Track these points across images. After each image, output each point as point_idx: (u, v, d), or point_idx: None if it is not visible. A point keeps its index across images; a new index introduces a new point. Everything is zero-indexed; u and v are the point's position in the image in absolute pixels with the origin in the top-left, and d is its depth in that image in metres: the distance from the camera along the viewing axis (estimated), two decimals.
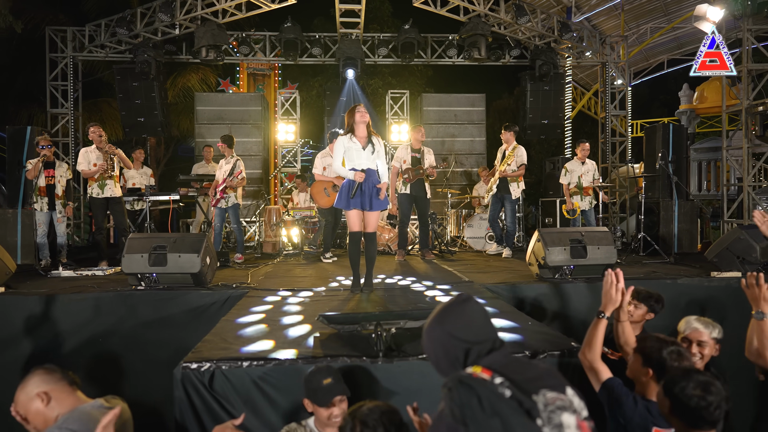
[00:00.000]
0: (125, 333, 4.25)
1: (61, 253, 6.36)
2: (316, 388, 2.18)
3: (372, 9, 16.69)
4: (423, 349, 1.51)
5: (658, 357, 2.10)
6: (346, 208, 4.31)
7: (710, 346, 2.52)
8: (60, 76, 9.21)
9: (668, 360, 2.08)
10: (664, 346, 2.11)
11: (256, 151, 9.70)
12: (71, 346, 4.19)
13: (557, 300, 4.60)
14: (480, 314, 1.45)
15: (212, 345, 2.85)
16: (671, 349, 2.10)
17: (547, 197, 9.62)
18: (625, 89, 10.12)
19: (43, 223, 6.18)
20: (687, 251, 7.32)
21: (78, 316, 4.26)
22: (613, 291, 2.30)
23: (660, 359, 2.09)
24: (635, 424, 2.08)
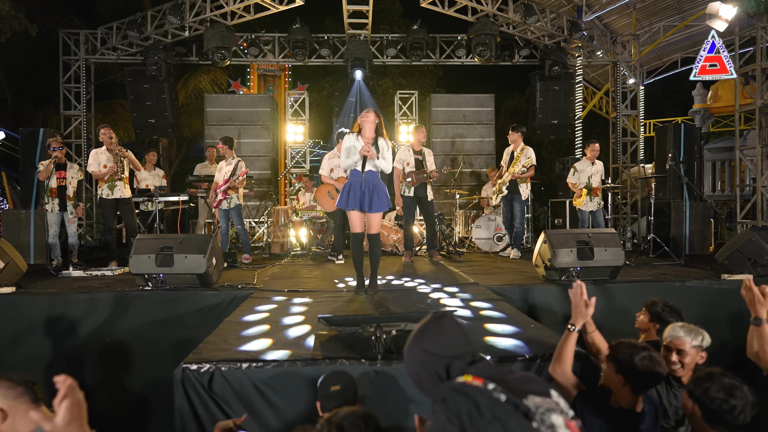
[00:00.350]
0: (132, 333, 4.30)
1: (72, 253, 6.45)
2: (324, 393, 2.19)
3: (382, 9, 16.70)
4: (406, 369, 1.52)
5: (629, 363, 2.08)
6: (346, 209, 4.31)
7: (691, 355, 2.44)
8: (73, 79, 9.35)
9: (639, 366, 2.06)
10: (636, 353, 2.09)
11: (265, 152, 9.75)
12: (79, 346, 4.25)
13: (563, 302, 4.55)
14: (456, 329, 1.46)
15: (213, 346, 2.86)
16: (643, 355, 2.07)
17: (557, 198, 9.54)
18: (636, 88, 10.00)
19: (54, 224, 6.27)
20: (699, 253, 7.21)
21: (86, 316, 4.32)
22: (582, 304, 2.30)
23: (631, 366, 2.07)
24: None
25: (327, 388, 2.20)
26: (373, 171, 4.31)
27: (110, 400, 4.17)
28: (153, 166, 8.33)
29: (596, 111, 15.15)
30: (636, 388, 2.09)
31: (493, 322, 3.42)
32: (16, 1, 10.14)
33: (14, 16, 10.35)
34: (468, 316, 3.55)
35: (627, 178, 9.90)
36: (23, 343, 4.25)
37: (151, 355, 4.18)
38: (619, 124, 9.80)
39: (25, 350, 4.23)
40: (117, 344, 4.25)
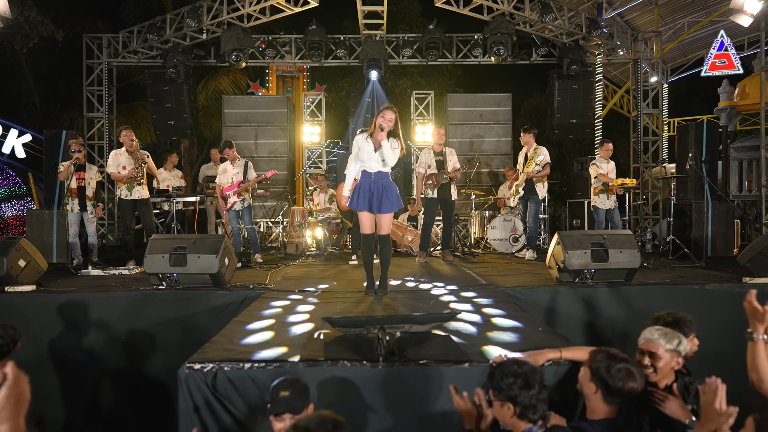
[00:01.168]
0: (146, 332, 4.37)
1: (92, 252, 6.60)
2: (272, 397, 2.18)
3: (401, 9, 16.68)
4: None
5: (604, 373, 2.06)
6: (356, 209, 4.32)
7: (665, 360, 2.29)
8: (96, 82, 9.57)
9: (613, 377, 2.04)
10: (613, 364, 2.07)
11: (282, 153, 9.83)
12: (94, 344, 4.34)
13: (576, 305, 4.48)
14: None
15: (218, 346, 2.89)
16: (619, 366, 2.06)
17: (575, 198, 9.39)
18: (658, 86, 9.78)
19: (74, 224, 6.42)
20: (722, 255, 7.01)
21: (101, 314, 4.41)
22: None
23: (605, 376, 2.06)
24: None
25: (277, 393, 2.19)
26: (382, 171, 4.30)
27: (122, 398, 4.26)
28: (173, 166, 8.48)
29: (617, 109, 14.87)
30: (608, 398, 2.08)
31: (500, 326, 3.39)
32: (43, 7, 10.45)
33: (41, 21, 10.66)
34: (477, 321, 3.52)
35: (648, 179, 9.69)
36: (40, 340, 4.36)
37: (163, 354, 4.25)
38: (640, 122, 9.60)
39: (42, 348, 4.34)
40: (130, 343, 4.34)
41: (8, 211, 12.35)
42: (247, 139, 9.69)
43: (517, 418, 1.97)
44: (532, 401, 1.95)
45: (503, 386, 1.99)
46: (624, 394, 2.06)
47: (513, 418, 1.98)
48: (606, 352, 2.14)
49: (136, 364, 4.31)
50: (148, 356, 4.30)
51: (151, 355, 4.30)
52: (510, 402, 1.97)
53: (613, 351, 2.15)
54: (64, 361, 4.36)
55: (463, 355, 2.71)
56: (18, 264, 4.73)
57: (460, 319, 3.43)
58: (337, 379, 2.56)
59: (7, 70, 13.19)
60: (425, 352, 2.74)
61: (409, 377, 2.55)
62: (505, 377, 2.00)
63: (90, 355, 4.35)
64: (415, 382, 2.55)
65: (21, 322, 4.40)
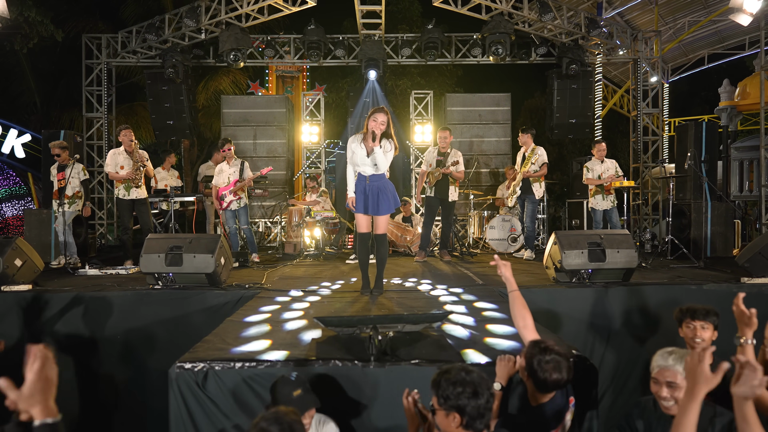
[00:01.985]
0: (142, 331, 4.37)
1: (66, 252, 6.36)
2: (287, 401, 2.16)
3: (401, 9, 16.68)
4: None
5: (531, 363, 2.16)
6: (355, 212, 4.32)
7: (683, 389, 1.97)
8: (95, 82, 9.57)
9: (539, 369, 2.13)
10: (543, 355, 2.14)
11: (280, 153, 9.82)
12: (89, 343, 4.33)
13: (573, 305, 4.46)
14: None
15: (210, 345, 2.89)
16: (547, 359, 2.13)
17: (574, 198, 9.37)
18: (658, 86, 9.75)
19: (59, 224, 6.36)
20: (721, 255, 6.99)
21: (97, 313, 4.40)
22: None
23: (533, 366, 2.15)
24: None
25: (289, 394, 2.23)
26: (377, 174, 4.31)
27: (117, 398, 4.25)
28: (171, 166, 8.49)
29: (617, 109, 14.84)
30: (539, 387, 2.18)
31: (495, 324, 3.38)
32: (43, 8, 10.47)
33: (41, 21, 10.68)
34: (470, 323, 3.50)
35: (648, 179, 9.66)
36: (37, 339, 4.35)
37: (158, 354, 4.24)
38: (639, 122, 9.57)
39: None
40: (126, 342, 4.33)
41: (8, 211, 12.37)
42: (245, 139, 9.68)
43: (462, 429, 1.89)
44: (480, 411, 1.87)
45: (450, 395, 1.88)
46: (549, 385, 2.15)
47: (458, 429, 1.89)
48: (539, 345, 2.19)
49: (131, 363, 4.30)
50: (144, 356, 4.29)
51: (146, 354, 4.29)
52: (456, 412, 1.87)
53: (547, 343, 2.20)
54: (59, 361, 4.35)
55: (455, 355, 2.70)
56: (14, 263, 4.72)
57: (453, 321, 3.41)
58: (329, 378, 2.55)
59: (7, 71, 13.21)
60: (417, 352, 2.73)
61: (399, 377, 2.54)
62: (452, 386, 1.89)
63: (85, 355, 4.34)
64: (406, 382, 2.53)
65: (17, 322, 4.43)
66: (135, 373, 4.27)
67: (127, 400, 4.26)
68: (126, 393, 4.26)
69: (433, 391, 1.94)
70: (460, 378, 1.90)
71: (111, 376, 4.32)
